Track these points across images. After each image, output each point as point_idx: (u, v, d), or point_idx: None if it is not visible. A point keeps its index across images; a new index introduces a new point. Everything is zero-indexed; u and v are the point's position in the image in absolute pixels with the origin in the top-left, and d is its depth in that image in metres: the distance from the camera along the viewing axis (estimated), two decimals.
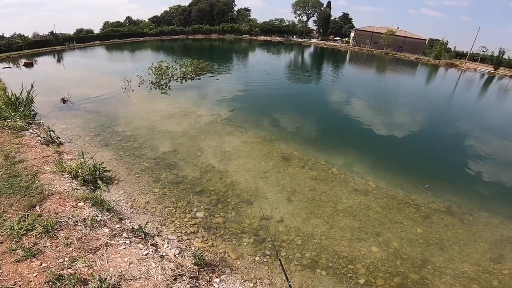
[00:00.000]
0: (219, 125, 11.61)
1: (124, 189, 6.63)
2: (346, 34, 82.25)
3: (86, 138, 9.72)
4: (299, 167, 8.65)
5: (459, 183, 8.95)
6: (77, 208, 4.96)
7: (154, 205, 6.26)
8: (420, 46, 69.15)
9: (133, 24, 74.41)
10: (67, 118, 11.83)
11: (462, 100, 24.55)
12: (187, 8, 78.24)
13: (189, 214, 6.14)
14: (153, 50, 49.81)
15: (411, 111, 17.87)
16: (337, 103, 17.92)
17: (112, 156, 8.37)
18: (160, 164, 8.11)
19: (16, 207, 4.81)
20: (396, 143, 11.90)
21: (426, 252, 5.77)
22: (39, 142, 8.36)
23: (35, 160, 6.91)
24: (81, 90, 16.79)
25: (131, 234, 4.67)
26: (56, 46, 43.70)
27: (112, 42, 57.00)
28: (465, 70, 50.14)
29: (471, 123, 16.33)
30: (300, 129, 12.29)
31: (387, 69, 41.09)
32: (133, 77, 19.20)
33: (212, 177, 7.69)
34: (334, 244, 5.71)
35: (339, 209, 6.87)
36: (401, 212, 6.96)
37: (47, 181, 5.85)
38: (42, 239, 4.05)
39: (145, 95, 16.36)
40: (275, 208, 6.67)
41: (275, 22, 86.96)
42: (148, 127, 10.96)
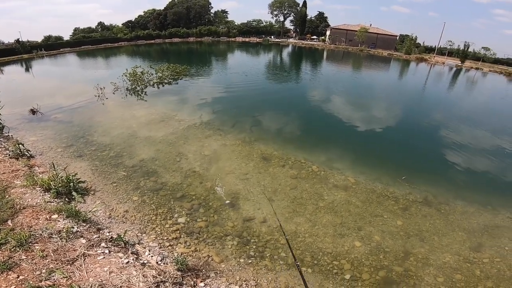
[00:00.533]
0: (198, 129, 11.52)
1: (101, 199, 6.44)
2: (322, 33, 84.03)
3: (58, 149, 9.31)
4: (279, 167, 8.77)
5: (434, 173, 9.32)
6: (51, 221, 4.80)
7: (133, 213, 6.13)
8: (392, 42, 72.08)
9: (106, 30, 71.92)
10: (37, 130, 11.29)
11: (433, 92, 25.83)
12: (162, 12, 76.67)
13: (170, 220, 6.07)
14: (129, 56, 48.44)
15: (386, 106, 18.60)
16: (315, 101, 18.31)
17: (87, 167, 8.09)
18: (138, 172, 7.94)
19: None
20: (373, 137, 12.33)
21: (407, 244, 5.93)
22: (7, 156, 8.01)
23: (4, 175, 6.64)
24: (52, 100, 16.02)
25: (110, 244, 4.56)
26: (23, 55, 41.40)
27: (83, 49, 54.81)
28: (434, 64, 52.85)
29: (443, 115, 17.24)
30: (280, 129, 12.46)
31: (362, 66, 42.47)
32: (107, 84, 18.59)
33: (192, 182, 7.63)
34: (318, 241, 5.80)
35: (321, 206, 6.99)
36: (381, 205, 7.16)
37: (18, 195, 5.62)
38: (17, 252, 3.94)
39: (121, 103, 15.89)
40: (258, 209, 6.71)
41: (252, 23, 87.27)
42: (124, 135, 10.68)
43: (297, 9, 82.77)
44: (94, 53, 50.37)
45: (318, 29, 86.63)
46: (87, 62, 40.95)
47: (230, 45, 68.49)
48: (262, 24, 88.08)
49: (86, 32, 67.26)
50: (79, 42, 56.59)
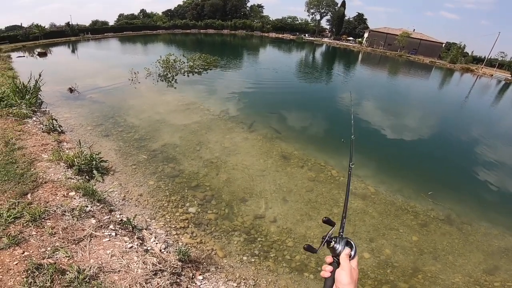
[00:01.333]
0: (221, 120, 11.52)
1: (119, 180, 6.62)
2: (359, 35, 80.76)
3: (88, 127, 9.79)
4: (298, 167, 8.48)
5: (462, 191, 8.64)
6: (68, 198, 4.95)
7: (147, 197, 6.22)
8: (436, 49, 67.35)
9: (147, 17, 75.03)
10: (72, 107, 11.96)
11: (475, 106, 23.75)
12: (200, 3, 78.27)
13: (181, 208, 6.08)
14: (165, 43, 50.11)
15: (420, 115, 17.38)
16: (344, 104, 17.57)
17: (111, 147, 8.39)
18: (158, 157, 8.08)
19: (9, 194, 4.82)
20: (401, 147, 11.57)
21: (418, 261, 5.57)
22: (41, 130, 8.40)
23: (34, 148, 6.93)
24: (90, 81, 16.99)
25: (118, 226, 4.62)
26: (71, 37, 44.52)
27: (125, 35, 57.67)
28: (480, 75, 48.54)
29: (481, 130, 15.75)
30: (303, 129, 12.09)
31: (399, 72, 40.12)
32: (142, 69, 19.31)
33: (209, 173, 7.61)
34: (324, 248, 5.54)
35: (335, 213, 6.66)
36: (398, 219, 6.74)
37: (42, 169, 5.87)
38: (29, 227, 4.03)
39: (151, 88, 16.43)
40: (270, 208, 6.53)
41: (287, 20, 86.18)
42: (151, 119, 10.97)
43: (335, 8, 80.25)
44: (134, 39, 52.79)
45: (356, 30, 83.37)
46: (126, 47, 43.04)
47: (263, 40, 68.27)
48: (297, 22, 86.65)
49: (129, 18, 70.67)
50: (121, 28, 59.67)
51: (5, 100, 9.89)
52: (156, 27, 67.74)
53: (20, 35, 37.89)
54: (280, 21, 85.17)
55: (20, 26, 47.19)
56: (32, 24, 41.98)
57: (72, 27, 46.61)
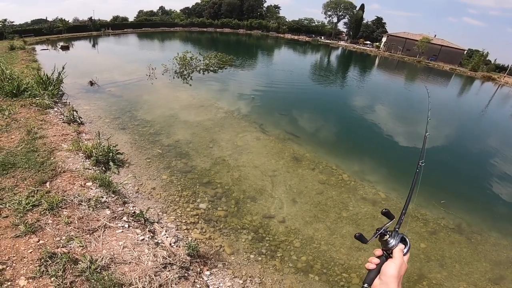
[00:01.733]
0: (234, 119, 11.63)
1: (133, 173, 6.81)
2: (377, 39, 79.27)
3: (106, 120, 10.11)
4: (309, 169, 8.46)
5: (474, 201, 8.50)
6: (85, 188, 5.13)
7: (159, 191, 6.37)
8: (457, 56, 65.17)
9: (165, 14, 76.40)
10: (92, 100, 12.36)
11: (494, 116, 22.90)
12: (217, 1, 78.99)
13: (192, 204, 6.19)
14: (181, 41, 50.89)
15: (436, 123, 16.90)
16: (359, 108, 17.32)
17: (128, 140, 8.64)
18: (172, 152, 8.25)
19: (28, 182, 4.98)
20: (414, 154, 11.30)
21: (424, 267, 5.55)
22: (61, 120, 8.71)
23: (54, 137, 7.18)
24: (109, 75, 17.52)
25: (131, 218, 4.76)
26: (93, 32, 45.90)
27: (144, 31, 58.91)
28: (502, 84, 46.68)
29: (499, 142, 15.19)
30: (316, 131, 12.04)
31: (418, 78, 39.11)
32: (158, 65, 19.73)
33: (220, 170, 7.70)
34: (332, 251, 5.58)
35: (344, 216, 6.68)
36: (407, 225, 6.64)
37: (61, 158, 6.09)
38: (45, 216, 4.14)
39: (167, 84, 16.75)
40: (279, 208, 6.58)
41: (304, 22, 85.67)
42: (166, 115, 11.20)
43: (353, 11, 79.13)
44: (152, 36, 53.87)
45: (374, 34, 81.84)
46: (145, 43, 43.95)
47: (278, 41, 68.13)
48: (314, 24, 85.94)
49: (148, 15, 72.15)
50: (140, 24, 60.94)
51: (29, 91, 10.31)
52: (173, 24, 68.90)
53: (45, 28, 39.45)
54: (296, 23, 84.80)
55: (45, 20, 49.12)
56: (57, 18, 43.58)
57: (94, 22, 48.06)
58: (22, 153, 6.02)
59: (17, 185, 4.81)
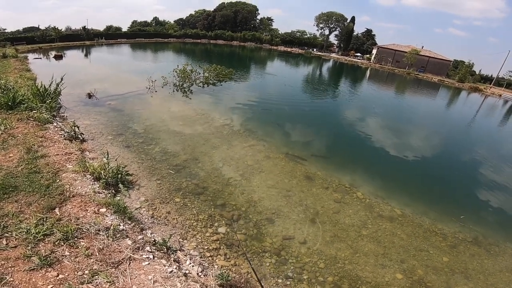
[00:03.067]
0: (241, 136, 11.35)
1: (145, 196, 6.45)
2: (367, 51, 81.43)
3: (109, 137, 9.69)
4: (322, 188, 8.28)
5: (486, 214, 8.67)
6: (99, 215, 4.77)
7: (175, 216, 6.03)
8: (444, 67, 67.43)
9: (159, 25, 76.60)
10: (91, 114, 11.90)
11: (495, 128, 23.53)
12: (211, 13, 79.98)
13: (210, 228, 5.90)
14: (176, 52, 50.86)
15: (440, 138, 17.15)
16: (362, 124, 17.42)
17: (134, 159, 8.25)
18: (181, 172, 7.91)
19: (35, 207, 4.63)
20: (423, 169, 11.36)
21: (451, 280, 5.63)
22: (62, 137, 8.27)
23: (57, 157, 6.77)
24: (107, 86, 17.06)
25: (154, 248, 4.43)
26: (86, 41, 45.39)
27: (137, 41, 58.73)
28: (488, 95, 48.34)
29: (497, 153, 15.53)
30: (324, 148, 11.98)
31: (414, 91, 40.05)
32: (156, 77, 19.29)
33: (234, 191, 7.42)
34: (357, 269, 5.53)
35: (364, 234, 6.63)
36: (427, 241, 6.78)
37: (68, 180, 5.71)
38: (61, 246, 3.80)
39: (168, 98, 16.43)
40: (298, 229, 6.41)
41: (296, 34, 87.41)
42: (170, 132, 10.86)
43: (344, 24, 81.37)
44: (146, 46, 53.68)
45: (364, 46, 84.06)
46: (139, 54, 43.64)
47: (271, 53, 69.06)
48: (306, 36, 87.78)
49: (142, 25, 72.22)
50: (134, 34, 60.79)
51: (25, 103, 9.74)
52: (167, 35, 69.05)
53: (37, 36, 38.72)
54: (289, 35, 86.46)
55: (37, 28, 48.35)
56: (49, 27, 42.92)
57: (87, 31, 47.59)
58: (24, 174, 5.62)
59: (22, 211, 4.45)
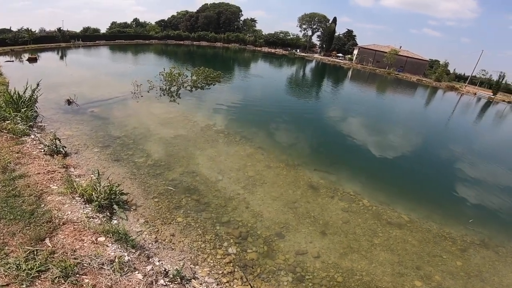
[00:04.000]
0: (238, 145, 10.80)
1: (144, 217, 5.83)
2: (349, 51, 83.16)
3: (95, 149, 8.84)
4: (328, 198, 7.99)
5: (486, 215, 8.82)
6: (98, 245, 4.17)
7: (180, 238, 5.49)
8: (422, 67, 70.06)
9: (140, 26, 74.21)
10: (73, 123, 10.92)
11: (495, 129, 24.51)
12: (194, 14, 78.56)
13: (220, 249, 5.44)
14: (158, 54, 49.36)
15: (431, 139, 17.50)
16: (356, 127, 17.46)
17: (125, 174, 7.54)
18: (179, 187, 7.31)
19: (20, 238, 4.00)
20: (419, 172, 11.45)
21: (468, 284, 5.71)
22: (42, 151, 7.40)
23: (39, 176, 5.99)
24: (87, 91, 15.90)
25: (167, 280, 3.90)
26: (61, 43, 42.98)
27: (117, 43, 56.50)
28: (464, 93, 50.68)
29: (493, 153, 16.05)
30: (323, 154, 11.82)
31: (399, 91, 41.12)
32: (140, 80, 18.13)
33: (237, 206, 6.95)
34: (376, 280, 5.42)
35: (376, 243, 6.49)
36: (438, 246, 6.80)
37: (55, 205, 5.02)
38: (61, 285, 3.26)
39: (156, 103, 15.56)
40: (310, 242, 6.13)
41: (279, 35, 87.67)
42: (161, 141, 10.15)
43: (326, 24, 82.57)
44: (126, 48, 51.69)
45: (345, 47, 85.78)
46: (119, 56, 41.86)
47: (255, 54, 68.78)
48: (289, 37, 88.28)
49: (122, 26, 69.63)
50: (114, 36, 58.51)
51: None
52: (149, 36, 66.97)
53: (9, 38, 36.11)
54: (272, 36, 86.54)
55: (9, 30, 45.19)
56: (22, 28, 40.14)
57: (63, 33, 45.06)
58: (1, 198, 4.90)
59: (5, 243, 3.85)
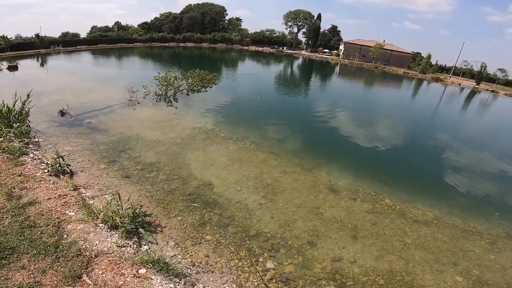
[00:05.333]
0: (249, 151, 10.43)
1: (173, 239, 5.46)
2: (334, 47, 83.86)
3: (101, 165, 8.27)
4: (351, 200, 7.88)
5: (507, 207, 8.95)
6: (142, 278, 3.81)
7: (215, 258, 5.20)
8: (406, 60, 71.54)
9: (122, 30, 72.03)
10: (71, 137, 10.18)
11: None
12: (178, 16, 76.94)
13: (258, 266, 5.22)
14: (142, 57, 48.04)
15: (440, 134, 17.66)
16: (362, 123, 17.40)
17: (140, 192, 7.08)
18: (198, 202, 6.95)
19: (53, 276, 3.60)
20: (435, 168, 11.54)
21: (506, 276, 5.79)
22: (47, 172, 6.79)
23: (50, 202, 5.46)
24: (80, 100, 14.98)
25: None
26: (41, 49, 41.00)
27: (100, 47, 54.53)
28: (449, 84, 52.18)
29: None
30: (333, 153, 11.69)
31: (388, 85, 41.79)
32: (131, 85, 17.27)
33: (262, 217, 6.69)
34: (418, 279, 5.43)
35: (408, 243, 6.49)
36: (468, 240, 6.89)
37: (79, 234, 4.60)
38: None
39: (154, 110, 14.93)
40: (343, 248, 6.03)
41: (265, 33, 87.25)
42: (168, 153, 9.61)
43: (312, 21, 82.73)
44: (110, 52, 49.97)
45: (331, 42, 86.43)
46: (104, 61, 40.40)
47: (243, 53, 68.21)
48: (275, 35, 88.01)
49: (103, 31, 67.38)
50: (95, 40, 56.47)
51: None
52: (132, 39, 65.07)
53: None
54: (258, 34, 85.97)
55: None
56: None
57: (41, 39, 42.97)
58: (16, 230, 4.45)
59: (39, 282, 3.46)
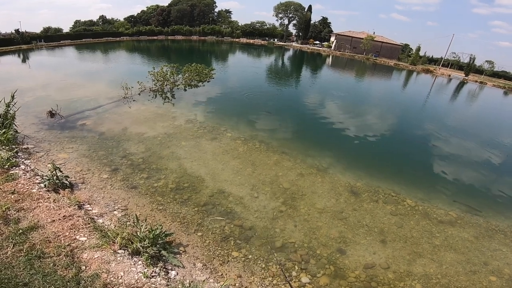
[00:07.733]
0: (259, 151, 9.91)
1: (198, 259, 4.96)
2: (325, 38, 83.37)
3: (103, 175, 7.47)
4: (373, 202, 7.58)
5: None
6: None
7: (248, 277, 4.78)
8: (396, 52, 71.98)
9: (108, 23, 68.99)
10: (64, 143, 9.21)
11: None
12: (166, 8, 74.23)
13: (293, 282, 4.84)
14: (130, 51, 46.25)
15: (445, 129, 17.49)
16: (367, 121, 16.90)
17: (151, 205, 6.44)
18: (215, 213, 6.44)
19: None
20: (447, 165, 11.35)
21: None
22: (43, 187, 5.97)
23: (55, 225, 4.74)
24: (70, 99, 13.89)
25: None
26: (22, 45, 38.75)
27: (84, 42, 52.11)
28: (439, 75, 52.84)
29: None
30: (341, 149, 11.34)
31: (382, 76, 41.76)
32: (126, 80, 16.00)
33: (285, 226, 6.27)
34: (453, 281, 5.35)
35: (437, 244, 6.35)
36: (493, 239, 6.82)
37: (99, 265, 4.00)
38: None
39: (152, 108, 13.94)
40: (373, 254, 5.78)
41: (256, 25, 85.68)
42: (174, 157, 8.91)
43: (302, 13, 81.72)
44: (95, 47, 47.76)
45: (321, 34, 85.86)
46: (90, 56, 38.51)
47: (234, 46, 66.85)
48: (266, 27, 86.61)
49: (87, 25, 64.33)
50: (79, 35, 53.92)
51: None
52: (119, 33, 62.42)
53: None
54: (249, 26, 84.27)
55: None
56: None
57: (22, 35, 40.53)
58: (22, 262, 3.82)
59: None
